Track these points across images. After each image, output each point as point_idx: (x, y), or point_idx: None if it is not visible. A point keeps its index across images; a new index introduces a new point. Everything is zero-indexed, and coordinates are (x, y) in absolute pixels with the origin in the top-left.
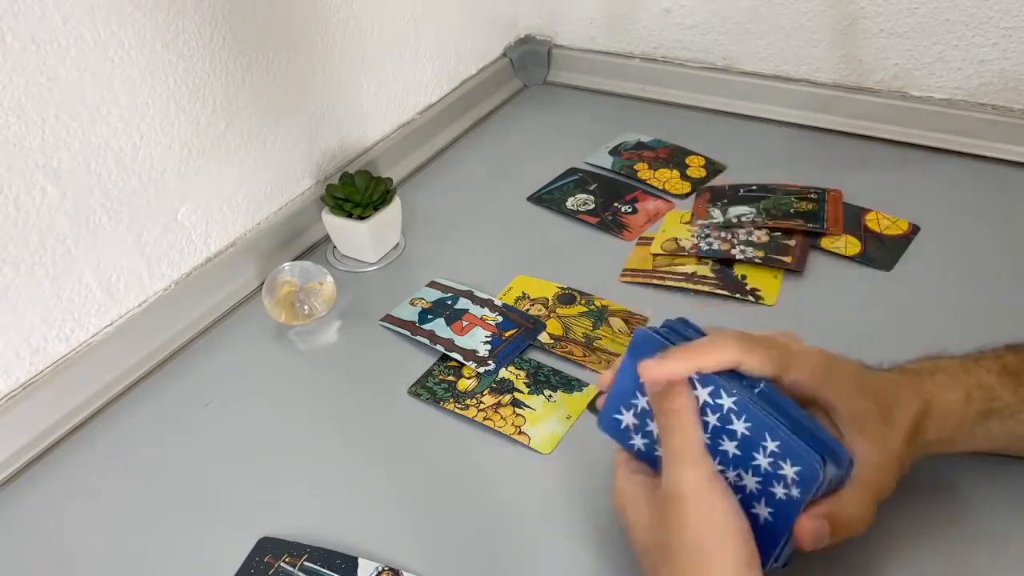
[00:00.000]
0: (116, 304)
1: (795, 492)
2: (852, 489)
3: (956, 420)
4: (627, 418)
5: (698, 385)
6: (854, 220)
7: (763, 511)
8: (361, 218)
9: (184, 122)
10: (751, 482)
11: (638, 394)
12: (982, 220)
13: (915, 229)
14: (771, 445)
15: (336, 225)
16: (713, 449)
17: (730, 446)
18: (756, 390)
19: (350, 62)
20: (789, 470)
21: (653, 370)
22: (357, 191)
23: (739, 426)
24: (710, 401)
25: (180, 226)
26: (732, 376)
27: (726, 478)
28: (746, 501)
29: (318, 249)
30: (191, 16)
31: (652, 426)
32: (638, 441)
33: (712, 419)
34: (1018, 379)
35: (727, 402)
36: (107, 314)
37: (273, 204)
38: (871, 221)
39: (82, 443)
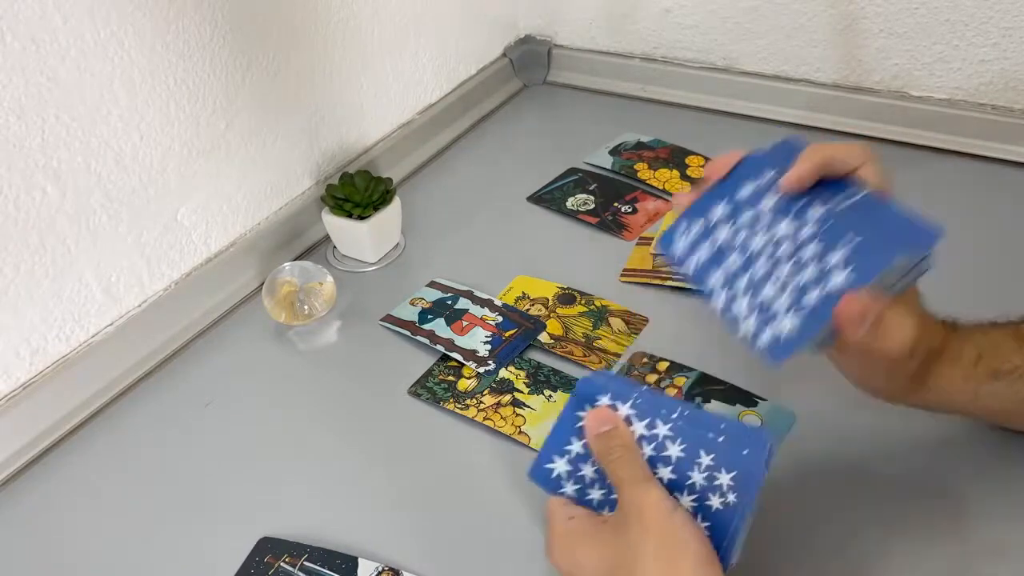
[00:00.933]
0: (116, 304)
1: (731, 497)
2: (898, 302)
3: (964, 373)
4: (559, 466)
5: (634, 420)
6: None
7: (700, 525)
8: (361, 218)
9: (184, 122)
10: (687, 502)
11: (573, 440)
12: (982, 220)
13: None
14: (705, 460)
15: (336, 225)
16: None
17: (665, 472)
18: (856, 197)
19: (350, 62)
20: (725, 478)
21: (594, 420)
22: (357, 191)
23: (674, 450)
24: (645, 433)
25: (180, 226)
26: (838, 186)
27: None
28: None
29: (318, 249)
30: (191, 16)
31: (585, 470)
32: (569, 488)
33: (647, 450)
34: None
35: (663, 430)
36: (107, 314)
37: (273, 204)
38: None
39: (82, 443)
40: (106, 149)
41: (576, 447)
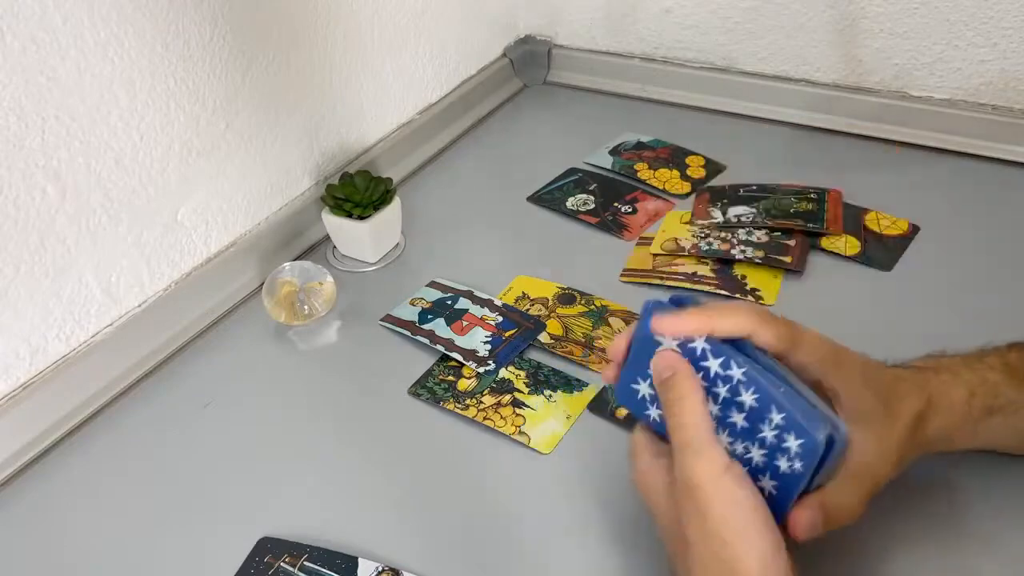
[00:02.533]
0: (116, 304)
1: (797, 465)
2: (847, 479)
3: (959, 417)
4: (643, 388)
5: (710, 356)
6: (854, 220)
7: (768, 484)
8: (361, 218)
9: (184, 122)
10: (757, 455)
11: (651, 363)
12: (982, 220)
13: (915, 229)
14: (776, 418)
15: (336, 225)
16: (723, 422)
17: (739, 418)
18: (760, 364)
19: (350, 62)
20: (793, 443)
21: (667, 323)
22: (357, 191)
23: (747, 398)
24: (720, 372)
25: (180, 226)
26: (739, 348)
27: (734, 451)
28: (752, 474)
29: (318, 249)
30: (191, 16)
31: None
32: (654, 412)
33: (723, 391)
34: (1021, 376)
35: (737, 373)
36: (107, 314)
37: (273, 204)
38: (871, 221)
39: (82, 443)
40: (106, 149)
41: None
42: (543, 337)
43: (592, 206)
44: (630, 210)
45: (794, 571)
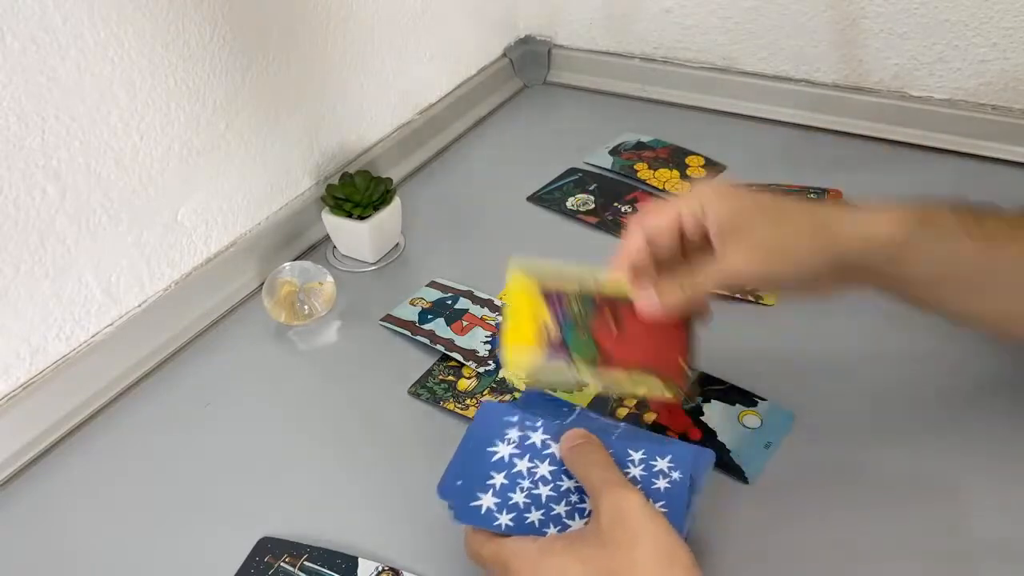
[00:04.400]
0: (116, 304)
1: (675, 475)
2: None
3: (887, 224)
4: (487, 500)
5: (551, 444)
6: None
7: (660, 507)
8: (361, 218)
9: (184, 122)
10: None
11: (492, 473)
12: None
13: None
14: (636, 455)
15: (336, 225)
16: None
17: None
18: (615, 434)
19: (350, 62)
20: (662, 463)
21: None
22: (357, 191)
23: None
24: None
25: (180, 226)
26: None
27: None
28: None
29: (318, 249)
30: (191, 16)
31: (516, 497)
32: (504, 519)
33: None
34: (961, 213)
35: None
36: (107, 314)
37: (273, 204)
38: None
39: (82, 443)
40: (106, 149)
41: (499, 479)
42: None
43: (592, 206)
44: (630, 210)
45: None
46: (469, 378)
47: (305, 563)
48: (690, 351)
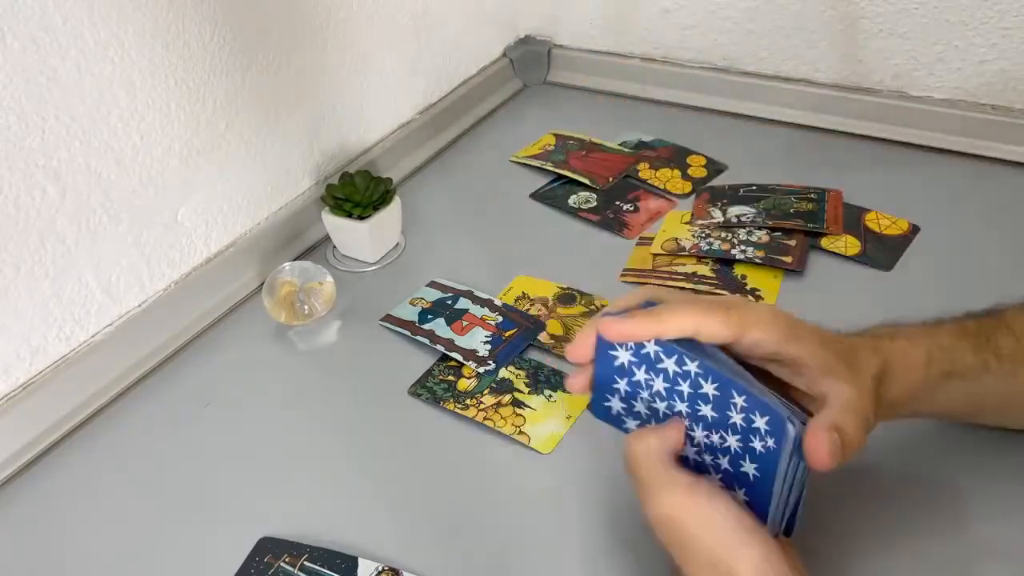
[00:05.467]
0: (116, 304)
1: (770, 442)
2: (840, 411)
3: (918, 379)
4: (615, 404)
5: (663, 357)
6: (854, 220)
7: (750, 468)
8: (361, 218)
9: (184, 122)
10: (733, 442)
11: (616, 378)
12: (982, 220)
13: (915, 229)
14: (739, 400)
15: (336, 225)
16: (694, 416)
17: (707, 410)
18: (711, 360)
19: (350, 62)
20: (760, 422)
21: (613, 327)
22: (357, 191)
23: (709, 388)
24: (678, 369)
25: (180, 226)
26: (691, 347)
27: (711, 442)
28: (734, 461)
29: (318, 249)
30: (191, 16)
31: (638, 406)
32: (631, 423)
33: (685, 387)
34: (977, 341)
35: (692, 367)
36: (107, 314)
37: (273, 204)
38: (871, 221)
39: (82, 443)
40: (106, 149)
41: (622, 385)
42: (543, 337)
43: (594, 204)
44: (632, 208)
45: (799, 570)
46: (469, 378)
47: (305, 563)
48: None
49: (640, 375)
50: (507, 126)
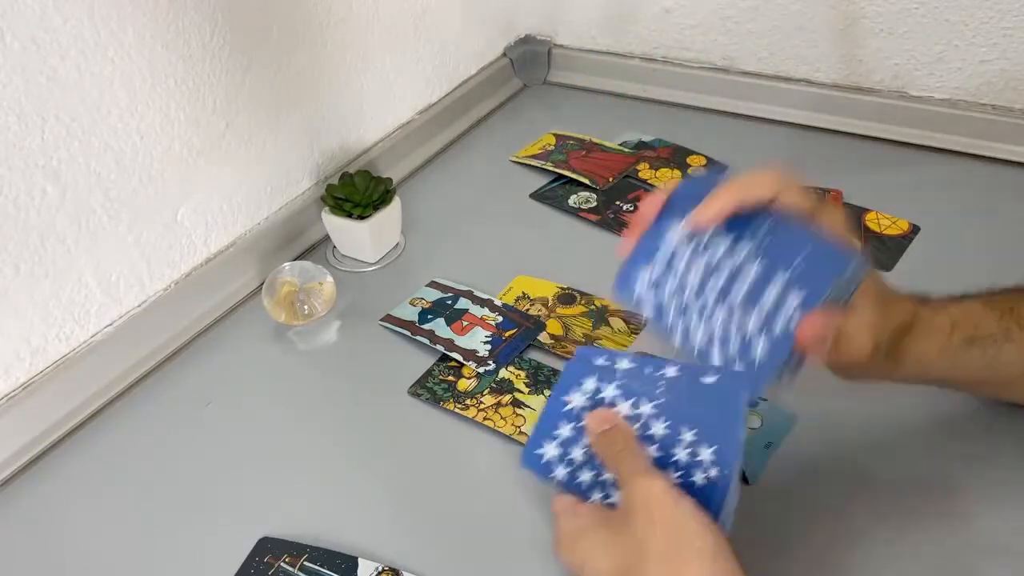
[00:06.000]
0: (116, 304)
1: (712, 473)
2: (853, 316)
3: (940, 343)
4: (549, 450)
5: (618, 401)
6: (854, 220)
7: (699, 477)
8: (361, 218)
9: (184, 122)
10: (672, 478)
11: (561, 423)
12: (982, 220)
13: (915, 229)
14: (688, 436)
15: (336, 225)
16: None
17: (652, 450)
18: (768, 222)
19: (350, 62)
20: (706, 454)
21: (704, 213)
22: (357, 191)
23: (657, 429)
24: (630, 413)
25: (180, 226)
26: (739, 220)
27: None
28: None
29: (318, 249)
30: (191, 16)
31: (574, 453)
32: (559, 471)
33: (634, 428)
34: (1002, 311)
35: (646, 408)
36: (107, 314)
37: (273, 204)
38: (871, 221)
39: (82, 443)
40: (106, 149)
41: (564, 431)
42: (543, 337)
43: (594, 204)
44: (632, 208)
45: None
46: (469, 378)
47: (305, 563)
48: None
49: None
50: (507, 126)
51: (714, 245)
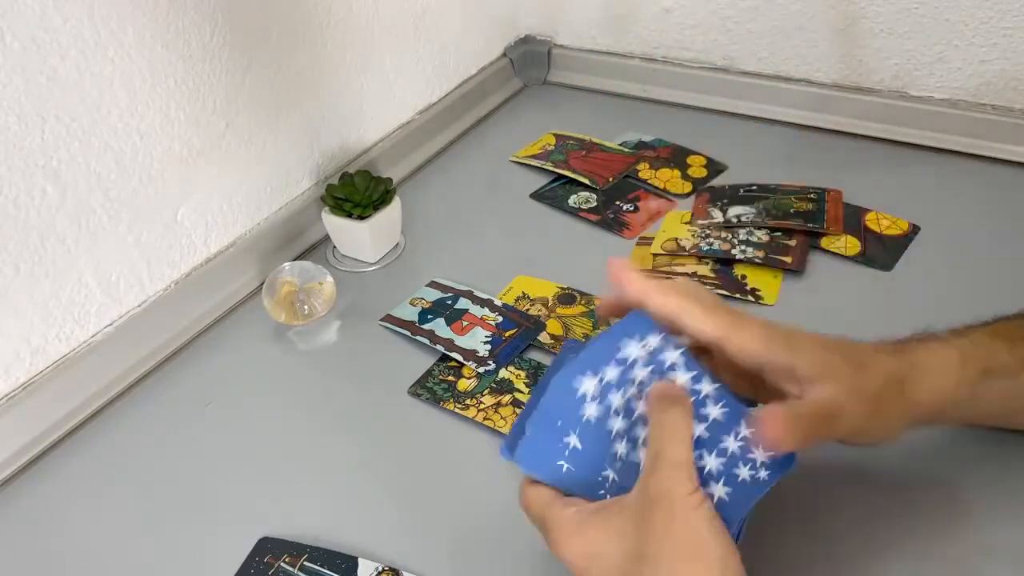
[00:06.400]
0: (116, 304)
1: (763, 475)
2: (804, 404)
3: (955, 380)
4: (587, 385)
5: (679, 368)
6: (854, 220)
7: (719, 491)
8: (361, 218)
9: (184, 122)
10: (713, 463)
11: (610, 364)
12: (982, 220)
13: (915, 229)
14: (745, 431)
15: (336, 225)
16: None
17: (699, 429)
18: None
19: (350, 62)
20: (760, 454)
21: (620, 267)
22: (357, 191)
23: (715, 411)
24: (689, 385)
25: (180, 226)
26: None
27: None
28: (703, 480)
29: (318, 249)
30: (191, 16)
31: (612, 398)
32: (590, 408)
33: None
34: (1011, 341)
35: (707, 388)
36: (107, 314)
37: (273, 204)
38: (871, 221)
39: (82, 443)
40: (106, 149)
41: (611, 374)
42: (543, 337)
43: (594, 204)
44: (632, 208)
45: None
46: (469, 378)
47: (305, 563)
48: None
49: (640, 374)
50: (507, 126)
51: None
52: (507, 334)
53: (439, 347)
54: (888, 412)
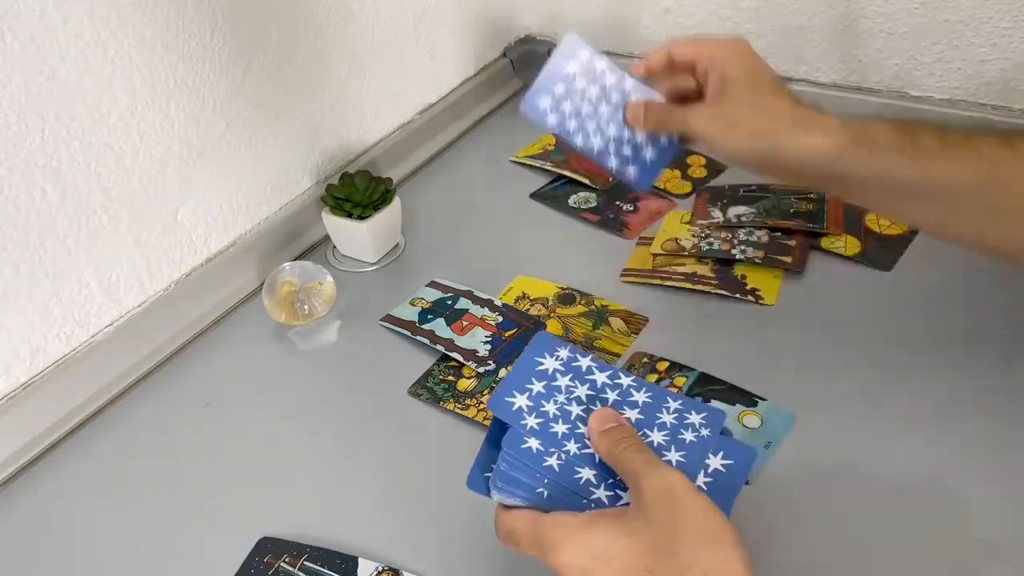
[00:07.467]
0: (116, 304)
1: (705, 432)
2: (664, 105)
3: (827, 140)
4: (520, 400)
5: (595, 370)
6: (854, 220)
7: (674, 456)
8: (361, 218)
9: (184, 122)
10: (659, 437)
11: (533, 380)
12: None
13: (915, 229)
14: (673, 404)
15: (336, 225)
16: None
17: (632, 414)
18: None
19: (350, 62)
20: (695, 417)
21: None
22: (357, 191)
23: (640, 397)
24: (609, 382)
25: (180, 226)
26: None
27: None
28: (657, 452)
29: (318, 249)
30: (191, 16)
31: (547, 407)
32: (531, 420)
33: (612, 395)
34: (903, 128)
35: (626, 381)
36: (107, 314)
37: (273, 204)
38: (871, 221)
39: (82, 443)
40: (106, 149)
41: (537, 387)
42: None
43: (594, 204)
44: (632, 208)
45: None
46: (469, 378)
47: (305, 563)
48: None
49: (563, 381)
50: (507, 126)
51: (589, 380)
52: (507, 334)
53: (439, 347)
54: (741, 140)
